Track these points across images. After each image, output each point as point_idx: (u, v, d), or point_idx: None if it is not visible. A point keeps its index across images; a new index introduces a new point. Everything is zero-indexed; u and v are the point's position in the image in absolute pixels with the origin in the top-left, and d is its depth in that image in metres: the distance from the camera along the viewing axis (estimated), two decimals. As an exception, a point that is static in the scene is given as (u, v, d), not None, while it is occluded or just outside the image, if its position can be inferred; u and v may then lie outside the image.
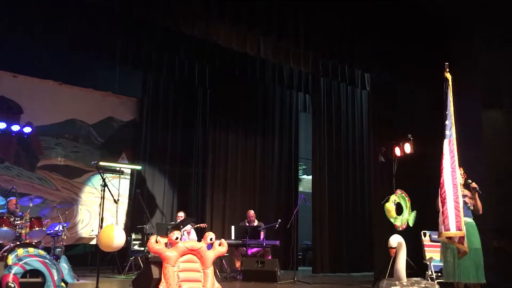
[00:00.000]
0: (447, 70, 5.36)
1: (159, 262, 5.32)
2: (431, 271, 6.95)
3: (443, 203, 4.92)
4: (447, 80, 5.32)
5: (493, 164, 7.63)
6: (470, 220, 5.23)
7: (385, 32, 8.78)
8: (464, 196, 5.22)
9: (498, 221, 7.23)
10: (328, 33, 8.53)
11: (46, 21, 8.27)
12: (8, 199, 7.65)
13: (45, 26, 8.30)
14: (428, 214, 6.80)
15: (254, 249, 9.21)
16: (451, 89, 5.29)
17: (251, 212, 9.69)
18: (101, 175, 6.27)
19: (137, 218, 9.90)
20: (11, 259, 4.87)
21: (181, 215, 9.32)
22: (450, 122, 5.14)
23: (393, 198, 7.58)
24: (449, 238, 4.92)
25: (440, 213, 4.97)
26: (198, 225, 9.50)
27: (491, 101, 8.09)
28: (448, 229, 4.86)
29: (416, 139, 8.21)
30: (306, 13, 8.27)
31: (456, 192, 4.91)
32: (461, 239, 4.88)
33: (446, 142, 5.09)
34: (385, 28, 8.78)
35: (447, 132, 5.11)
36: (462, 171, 5.35)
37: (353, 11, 8.59)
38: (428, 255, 7.18)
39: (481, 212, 5.36)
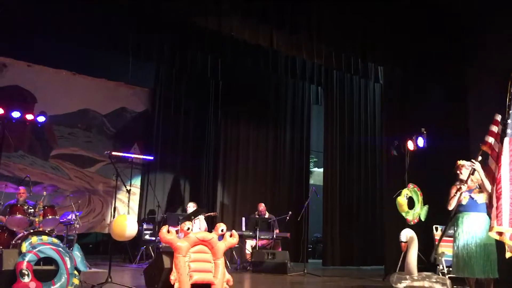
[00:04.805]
0: None
1: (170, 252, 5.35)
2: (443, 266, 6.91)
3: (498, 198, 4.95)
4: None
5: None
6: (485, 214, 5.21)
7: (398, 25, 8.69)
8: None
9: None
10: (341, 26, 8.46)
11: (60, 12, 8.31)
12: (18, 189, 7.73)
13: (60, 17, 8.34)
14: (440, 209, 6.76)
15: (264, 241, 9.24)
16: None
17: (262, 205, 9.72)
18: (113, 165, 6.32)
19: (149, 208, 9.98)
20: (25, 246, 4.89)
21: (190, 205, 9.34)
22: None
23: (405, 192, 7.54)
24: (500, 233, 4.92)
25: (494, 208, 4.97)
26: (209, 213, 9.54)
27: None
28: (501, 224, 4.89)
29: (429, 133, 8.13)
30: (319, 6, 8.21)
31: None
32: None
33: (506, 140, 5.09)
34: (398, 21, 8.69)
35: (509, 131, 5.11)
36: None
37: (366, 4, 8.51)
38: (439, 249, 7.13)
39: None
